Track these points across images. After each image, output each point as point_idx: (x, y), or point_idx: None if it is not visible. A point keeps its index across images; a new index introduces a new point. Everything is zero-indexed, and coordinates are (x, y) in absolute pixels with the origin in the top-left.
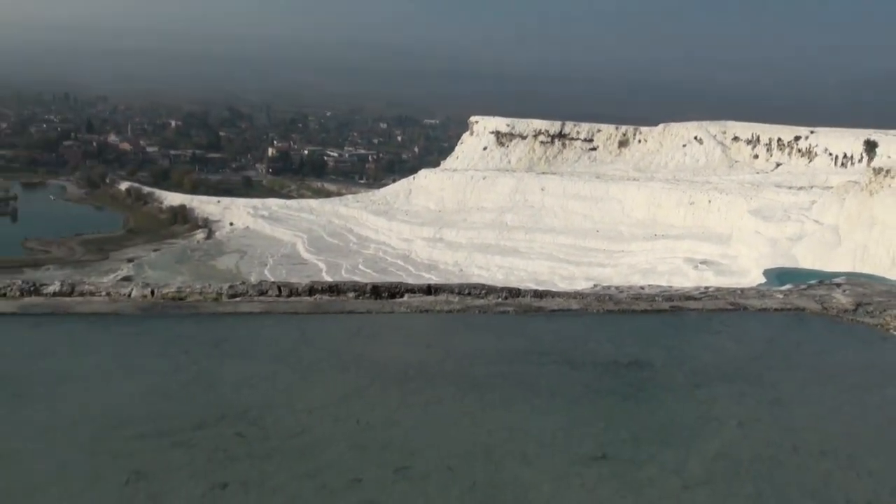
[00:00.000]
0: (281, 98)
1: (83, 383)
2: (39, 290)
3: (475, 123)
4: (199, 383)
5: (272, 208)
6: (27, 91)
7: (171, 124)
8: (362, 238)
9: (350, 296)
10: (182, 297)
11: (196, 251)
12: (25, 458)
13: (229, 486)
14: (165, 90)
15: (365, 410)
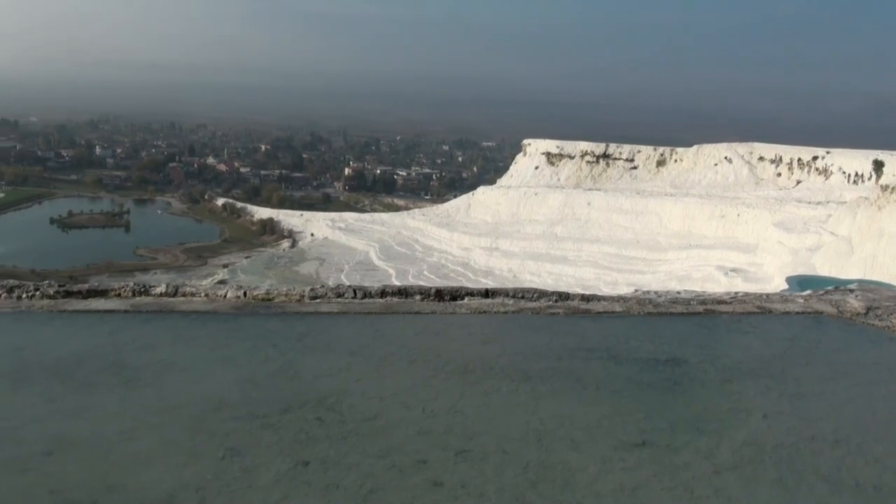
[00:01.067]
0: (356, 124)
1: (185, 372)
2: (148, 291)
3: (528, 145)
4: (284, 373)
5: (348, 221)
6: (139, 121)
7: (261, 148)
8: (427, 247)
9: (417, 298)
10: (270, 298)
11: (282, 258)
12: (136, 436)
13: (311, 463)
14: (257, 118)
15: (430, 399)
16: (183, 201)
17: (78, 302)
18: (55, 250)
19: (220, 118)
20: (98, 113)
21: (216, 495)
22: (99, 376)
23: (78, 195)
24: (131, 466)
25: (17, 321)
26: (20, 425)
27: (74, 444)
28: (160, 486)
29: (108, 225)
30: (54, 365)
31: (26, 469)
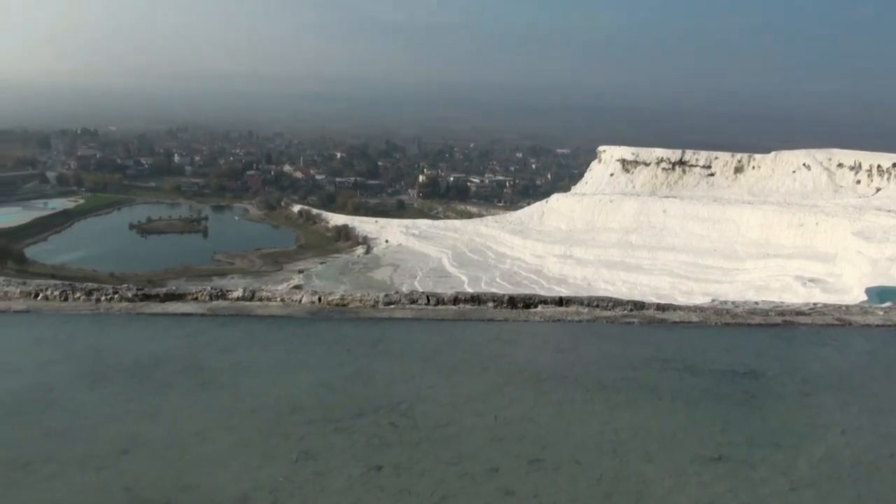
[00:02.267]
0: (431, 132)
1: (261, 375)
2: (225, 296)
3: (603, 152)
4: (358, 378)
5: (422, 227)
6: (218, 130)
7: (336, 155)
8: (500, 254)
9: (490, 305)
10: (345, 303)
11: (356, 264)
12: (211, 437)
13: (383, 468)
14: (333, 127)
15: (503, 407)
16: (260, 208)
17: (156, 305)
18: (134, 255)
19: (296, 127)
20: (177, 122)
21: (289, 497)
22: (176, 378)
23: (157, 201)
24: (205, 467)
25: (95, 323)
26: (97, 424)
27: (150, 444)
28: (234, 486)
29: (187, 231)
30: (132, 366)
31: (102, 467)
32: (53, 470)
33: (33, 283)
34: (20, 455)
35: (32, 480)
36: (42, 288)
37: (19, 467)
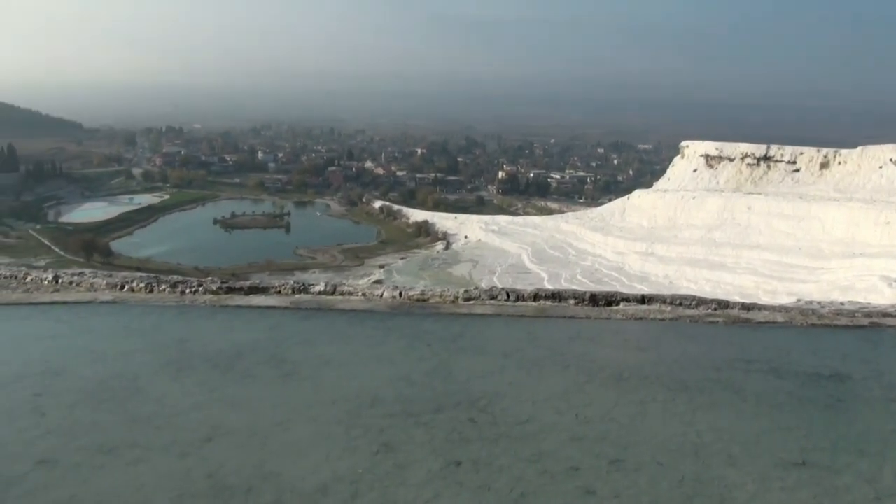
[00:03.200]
0: (511, 128)
1: (342, 368)
2: (308, 289)
3: (686, 147)
4: (438, 373)
5: (501, 223)
6: (300, 127)
7: (417, 152)
8: (580, 251)
9: (571, 302)
10: (425, 298)
11: (436, 260)
12: (292, 427)
13: (462, 464)
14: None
15: (583, 405)
16: (341, 204)
17: (240, 298)
18: (218, 249)
19: (377, 123)
20: (261, 120)
21: (369, 490)
22: (258, 369)
23: (241, 197)
24: (287, 456)
25: (181, 314)
26: (182, 412)
27: (232, 432)
28: (314, 476)
29: (269, 226)
30: (216, 356)
31: (185, 454)
32: (138, 455)
33: (119, 275)
34: (106, 440)
35: (117, 465)
36: (128, 280)
37: (105, 452)
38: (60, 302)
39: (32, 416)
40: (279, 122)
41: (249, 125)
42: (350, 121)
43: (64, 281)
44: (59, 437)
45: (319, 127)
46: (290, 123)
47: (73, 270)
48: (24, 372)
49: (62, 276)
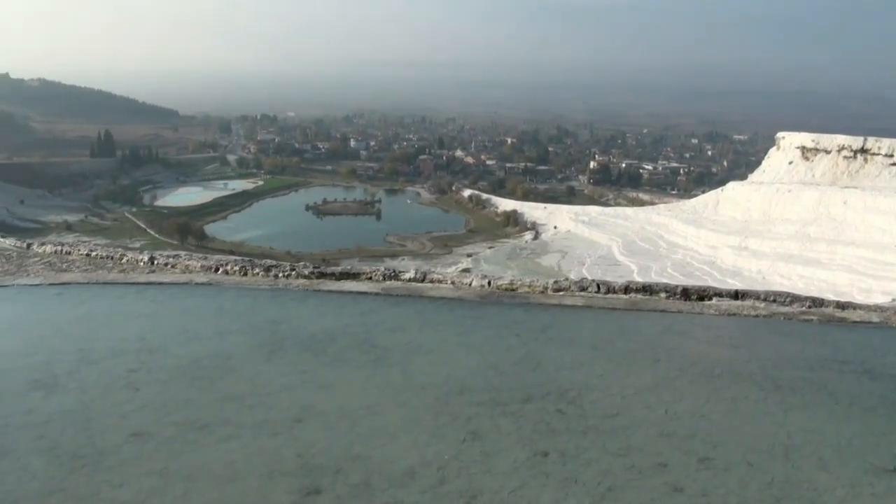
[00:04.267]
0: (603, 117)
1: (431, 355)
2: (398, 276)
3: (781, 139)
4: (527, 363)
5: (591, 214)
6: (392, 116)
7: (507, 141)
8: (671, 244)
9: (662, 296)
10: (514, 288)
11: (524, 250)
12: (383, 411)
13: (549, 455)
14: (504, 112)
15: (673, 401)
16: (431, 192)
17: (331, 283)
18: (309, 235)
19: (468, 112)
20: (353, 108)
21: (455, 476)
22: (349, 353)
23: (332, 184)
24: (375, 439)
25: (274, 298)
26: (273, 392)
27: (322, 414)
28: (402, 460)
29: (360, 213)
30: (308, 340)
31: (276, 433)
32: (230, 432)
33: (214, 258)
34: (199, 417)
35: (210, 441)
36: (222, 263)
37: (198, 428)
38: (156, 282)
39: (127, 390)
40: (371, 110)
41: (342, 113)
42: (441, 109)
43: (159, 262)
44: (153, 411)
45: (411, 115)
46: (382, 112)
47: (168, 252)
48: (120, 348)
49: (158, 257)
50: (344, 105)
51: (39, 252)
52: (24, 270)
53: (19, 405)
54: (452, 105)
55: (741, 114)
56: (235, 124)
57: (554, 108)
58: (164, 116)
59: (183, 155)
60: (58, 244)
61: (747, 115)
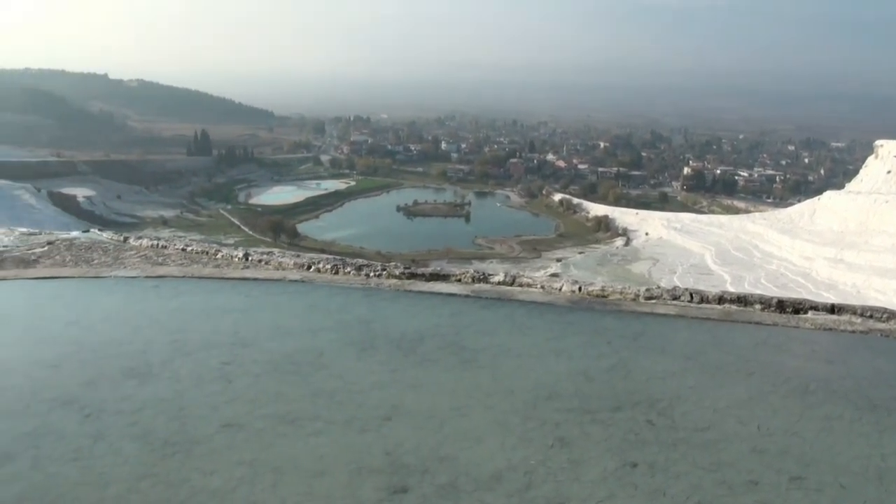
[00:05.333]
0: (697, 122)
1: (520, 359)
2: (487, 279)
3: (880, 147)
4: (617, 371)
5: (684, 221)
6: (484, 118)
7: (600, 145)
8: (765, 253)
9: (757, 307)
10: (605, 294)
11: (614, 256)
12: (471, 413)
13: (638, 466)
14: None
15: (766, 416)
16: (521, 195)
17: (422, 283)
18: (399, 235)
19: (560, 116)
20: (445, 110)
21: (542, 482)
22: (438, 354)
23: (423, 186)
24: (463, 441)
25: (366, 297)
26: (363, 390)
27: (411, 414)
28: (489, 463)
29: (450, 214)
30: (398, 339)
31: (365, 430)
32: (319, 427)
33: (306, 256)
34: (290, 411)
35: (300, 435)
36: (315, 261)
37: (288, 422)
38: (251, 278)
39: (220, 382)
40: (463, 112)
41: (434, 115)
42: (533, 112)
43: (253, 259)
44: (244, 403)
45: (502, 118)
46: (473, 114)
47: (262, 249)
48: (214, 341)
49: (252, 254)
50: (436, 107)
51: (136, 246)
52: (121, 263)
53: (114, 392)
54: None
55: (839, 119)
56: (329, 125)
57: (648, 112)
58: (260, 117)
59: (278, 155)
60: (154, 238)
61: (845, 121)
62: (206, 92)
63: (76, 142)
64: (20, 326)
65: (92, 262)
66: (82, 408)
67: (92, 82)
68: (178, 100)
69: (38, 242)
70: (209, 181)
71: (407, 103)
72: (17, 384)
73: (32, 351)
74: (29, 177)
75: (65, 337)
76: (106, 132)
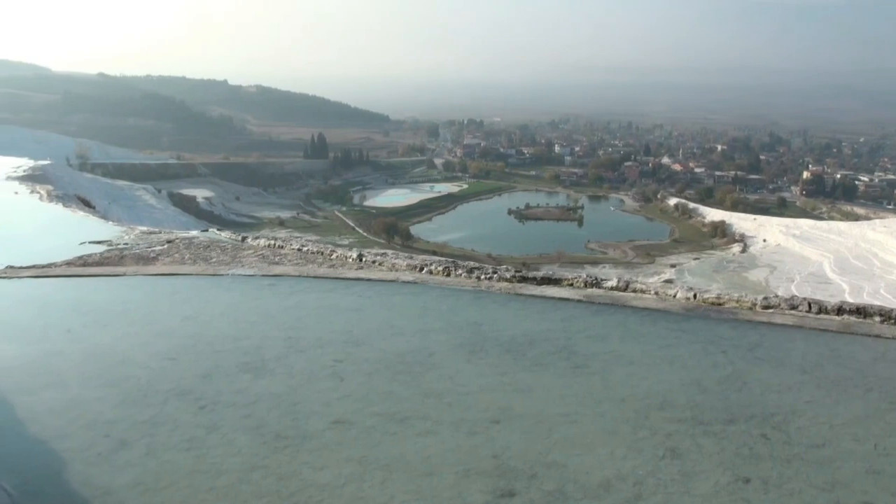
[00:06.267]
0: (817, 123)
1: (632, 366)
2: (600, 284)
3: None
4: (732, 382)
5: (803, 228)
6: (598, 121)
7: (717, 148)
8: (886, 263)
9: (876, 319)
10: (721, 302)
11: (731, 263)
12: (581, 420)
13: (751, 481)
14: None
15: (884, 435)
16: (636, 199)
17: (533, 287)
18: (510, 238)
19: (675, 118)
20: (559, 114)
21: (652, 493)
22: (549, 358)
23: (536, 189)
24: (572, 448)
25: (477, 299)
26: (472, 392)
27: (520, 418)
28: (598, 472)
29: (562, 218)
30: (508, 342)
31: (473, 432)
32: (428, 427)
33: (419, 257)
34: (400, 410)
35: (409, 434)
36: (427, 263)
37: (398, 421)
38: (364, 279)
39: (332, 379)
40: (577, 115)
41: (547, 118)
42: (648, 115)
43: (367, 259)
44: (355, 401)
45: (617, 121)
46: (587, 117)
47: (375, 251)
48: (327, 339)
49: (366, 255)
50: (550, 110)
51: (253, 245)
52: (239, 261)
53: (229, 385)
54: (660, 110)
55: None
56: (443, 128)
57: (766, 113)
58: (375, 121)
59: (392, 157)
60: (271, 238)
61: None
62: (322, 97)
63: (196, 145)
64: (139, 320)
65: (210, 261)
66: (197, 399)
67: (212, 88)
68: (295, 104)
69: (158, 241)
70: (325, 183)
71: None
72: (136, 375)
73: (151, 344)
74: (150, 178)
75: (182, 331)
76: (225, 136)
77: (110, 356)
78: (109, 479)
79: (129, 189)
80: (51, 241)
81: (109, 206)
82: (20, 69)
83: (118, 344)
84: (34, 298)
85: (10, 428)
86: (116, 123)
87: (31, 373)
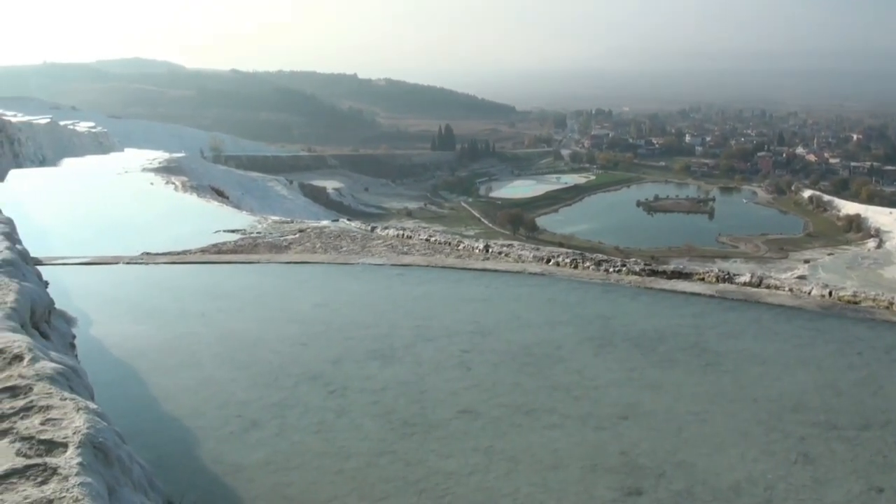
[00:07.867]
0: None
1: (765, 366)
2: (732, 279)
3: None
4: (868, 385)
5: None
6: (730, 109)
7: (852, 137)
8: None
9: None
10: (857, 301)
11: (865, 259)
12: (712, 419)
13: (885, 491)
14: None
15: None
16: (769, 191)
17: (663, 281)
18: (638, 231)
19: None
20: (689, 102)
21: (783, 499)
22: (679, 355)
23: (665, 181)
24: (701, 448)
25: (605, 292)
26: (600, 387)
27: (648, 415)
28: (729, 473)
29: (693, 211)
30: (637, 337)
31: (601, 427)
32: (555, 421)
33: (546, 249)
34: (527, 402)
35: (535, 427)
36: (554, 255)
37: (524, 413)
38: (491, 270)
39: (459, 369)
40: (708, 104)
41: (677, 107)
42: (783, 102)
43: (494, 251)
44: (482, 391)
45: (750, 109)
46: (719, 106)
47: (502, 242)
48: (455, 329)
49: (492, 246)
50: (679, 99)
51: (382, 235)
52: (368, 251)
53: (359, 372)
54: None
55: None
56: (570, 119)
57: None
58: (502, 112)
59: (518, 149)
60: (399, 229)
61: None
62: (449, 89)
63: (326, 137)
64: (272, 306)
65: (340, 249)
66: (327, 384)
67: (341, 82)
68: (423, 97)
69: (290, 230)
70: (452, 175)
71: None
72: (268, 359)
73: (283, 329)
74: (282, 170)
75: (313, 317)
76: (354, 128)
77: (243, 340)
78: (240, 458)
79: (261, 180)
80: (185, 229)
81: (242, 197)
82: (154, 66)
83: (251, 328)
84: (170, 283)
85: (146, 406)
86: (249, 117)
87: (166, 354)
